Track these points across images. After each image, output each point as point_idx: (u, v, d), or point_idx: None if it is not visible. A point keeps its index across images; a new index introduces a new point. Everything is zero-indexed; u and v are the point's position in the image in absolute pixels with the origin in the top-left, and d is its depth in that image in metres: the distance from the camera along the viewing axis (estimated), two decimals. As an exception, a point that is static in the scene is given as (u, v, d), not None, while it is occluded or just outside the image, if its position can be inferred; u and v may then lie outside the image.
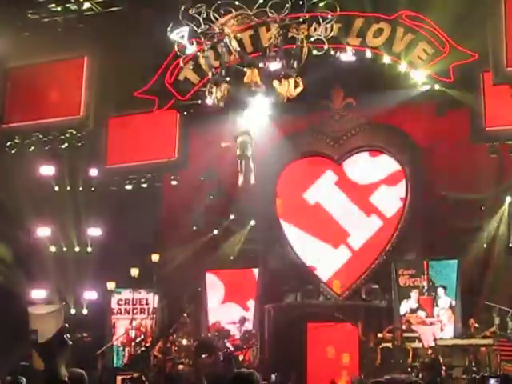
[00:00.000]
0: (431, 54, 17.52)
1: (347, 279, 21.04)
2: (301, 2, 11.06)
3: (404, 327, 18.90)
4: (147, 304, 21.80)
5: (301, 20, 11.28)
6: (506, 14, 16.59)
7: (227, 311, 20.62)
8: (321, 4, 11.01)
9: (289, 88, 11.47)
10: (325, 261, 21.35)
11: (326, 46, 11.86)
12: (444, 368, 16.02)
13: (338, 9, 11.27)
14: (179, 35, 12.24)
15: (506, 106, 17.25)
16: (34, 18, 20.45)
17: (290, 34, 11.97)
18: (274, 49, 11.67)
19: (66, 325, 5.55)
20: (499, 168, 19.60)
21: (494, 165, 19.47)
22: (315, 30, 11.27)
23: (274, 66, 11.26)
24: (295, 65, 11.50)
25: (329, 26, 11.44)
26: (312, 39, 11.58)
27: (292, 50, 11.53)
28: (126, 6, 19.63)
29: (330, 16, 11.09)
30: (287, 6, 11.21)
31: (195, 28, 11.98)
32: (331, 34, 12.07)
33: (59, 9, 20.17)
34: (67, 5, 20.08)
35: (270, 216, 22.11)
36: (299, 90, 11.66)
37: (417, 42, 17.60)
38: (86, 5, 19.99)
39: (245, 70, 12.68)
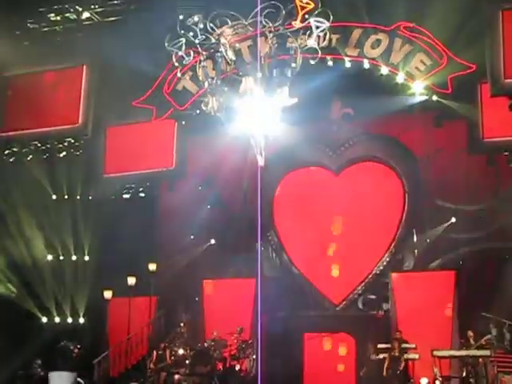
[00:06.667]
0: (429, 65, 17.62)
1: (344, 289, 21.03)
2: (294, 12, 11.14)
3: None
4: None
5: (294, 29, 11.34)
6: (503, 26, 16.69)
7: (224, 321, 20.53)
8: (315, 13, 11.06)
9: (283, 97, 11.49)
10: (322, 270, 21.32)
11: (319, 55, 11.89)
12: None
13: (332, 17, 11.33)
14: (176, 46, 12.26)
15: (503, 117, 17.31)
16: (33, 27, 20.63)
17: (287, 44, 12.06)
18: (269, 59, 11.73)
19: None
20: (496, 179, 19.62)
21: (491, 175, 19.50)
22: (310, 38, 11.32)
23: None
24: (289, 74, 11.55)
25: (321, 34, 11.50)
26: (305, 48, 11.62)
27: (286, 60, 11.58)
28: (125, 15, 19.75)
29: (322, 25, 11.13)
30: (281, 15, 11.29)
31: (192, 39, 12.02)
32: (325, 43, 12.14)
33: (58, 18, 20.39)
34: (66, 14, 20.29)
35: (267, 226, 22.06)
36: (293, 100, 11.67)
37: (415, 53, 17.70)
38: (85, 14, 20.19)
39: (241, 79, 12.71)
